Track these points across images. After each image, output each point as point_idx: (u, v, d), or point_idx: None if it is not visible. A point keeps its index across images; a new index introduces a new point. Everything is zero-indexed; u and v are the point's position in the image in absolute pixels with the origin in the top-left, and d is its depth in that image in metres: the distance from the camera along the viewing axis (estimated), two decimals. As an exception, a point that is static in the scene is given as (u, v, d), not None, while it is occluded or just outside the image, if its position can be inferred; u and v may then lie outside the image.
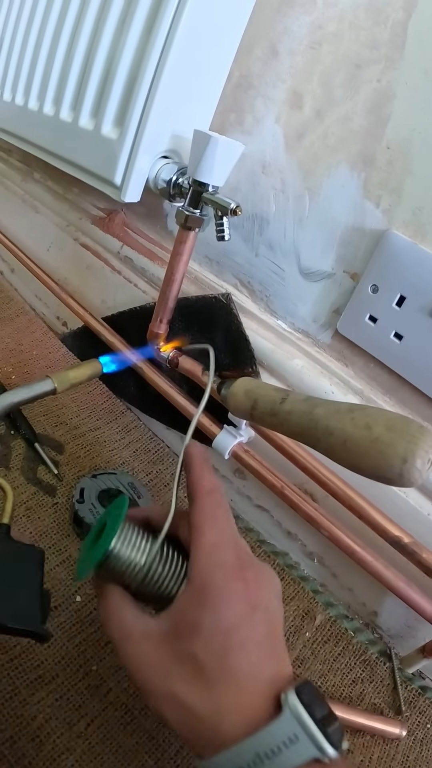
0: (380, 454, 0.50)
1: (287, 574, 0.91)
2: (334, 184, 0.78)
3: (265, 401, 0.62)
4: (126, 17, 0.82)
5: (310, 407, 0.57)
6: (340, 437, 0.53)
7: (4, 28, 1.14)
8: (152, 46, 0.78)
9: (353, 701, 0.77)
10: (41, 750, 0.61)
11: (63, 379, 0.77)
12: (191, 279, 0.97)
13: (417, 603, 0.76)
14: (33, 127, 1.08)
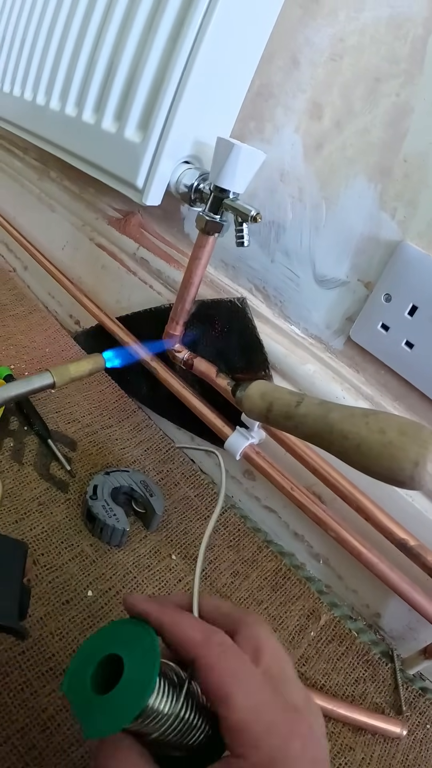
0: (393, 457, 0.51)
1: (293, 575, 0.92)
2: (351, 195, 0.79)
3: (281, 404, 0.64)
4: (153, 21, 0.82)
5: (325, 411, 0.59)
6: (355, 441, 0.54)
7: (27, 25, 1.14)
8: (179, 51, 0.79)
9: (356, 700, 0.78)
10: (51, 741, 0.62)
11: (62, 373, 0.77)
12: (207, 282, 0.98)
13: (421, 605, 0.78)
14: (54, 127, 1.08)
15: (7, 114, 1.27)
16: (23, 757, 0.60)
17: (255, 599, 0.86)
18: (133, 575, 0.82)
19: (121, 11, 0.89)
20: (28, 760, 0.59)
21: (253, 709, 0.39)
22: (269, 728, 0.39)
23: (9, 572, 0.56)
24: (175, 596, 0.51)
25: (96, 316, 1.15)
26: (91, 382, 1.15)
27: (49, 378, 0.76)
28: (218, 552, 0.91)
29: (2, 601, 0.53)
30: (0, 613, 0.52)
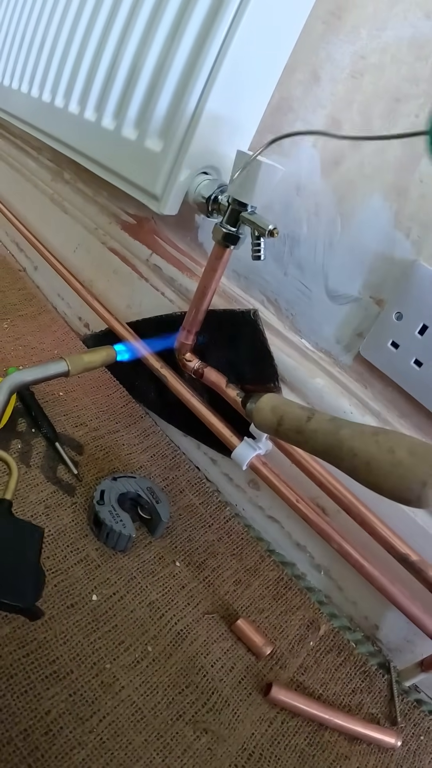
0: (401, 477, 0.52)
1: (294, 585, 0.93)
2: (366, 212, 0.80)
3: (291, 419, 0.64)
4: (178, 30, 0.83)
5: (336, 428, 0.59)
6: (364, 458, 0.55)
7: (48, 26, 1.14)
8: (203, 61, 0.80)
9: (352, 710, 0.79)
10: (54, 744, 0.63)
11: (77, 362, 0.78)
12: (219, 292, 0.98)
13: (419, 619, 0.79)
14: (71, 130, 1.09)
15: (24, 114, 1.27)
16: (26, 759, 0.60)
17: (256, 608, 0.87)
18: (138, 581, 0.82)
19: (145, 17, 0.89)
20: (30, 762, 0.60)
21: None
22: None
23: (26, 555, 0.59)
24: None
25: (106, 320, 1.16)
26: (99, 386, 1.16)
27: (64, 365, 0.77)
28: (221, 560, 0.91)
29: (20, 583, 0.56)
30: (17, 595, 0.54)
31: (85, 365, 0.79)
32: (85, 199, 1.34)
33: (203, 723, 0.70)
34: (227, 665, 0.78)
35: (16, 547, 0.59)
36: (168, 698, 0.71)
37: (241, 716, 0.73)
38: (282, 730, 0.73)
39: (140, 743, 0.66)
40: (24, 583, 0.56)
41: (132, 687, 0.71)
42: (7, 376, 0.74)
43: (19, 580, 0.56)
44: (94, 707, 0.67)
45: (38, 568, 0.58)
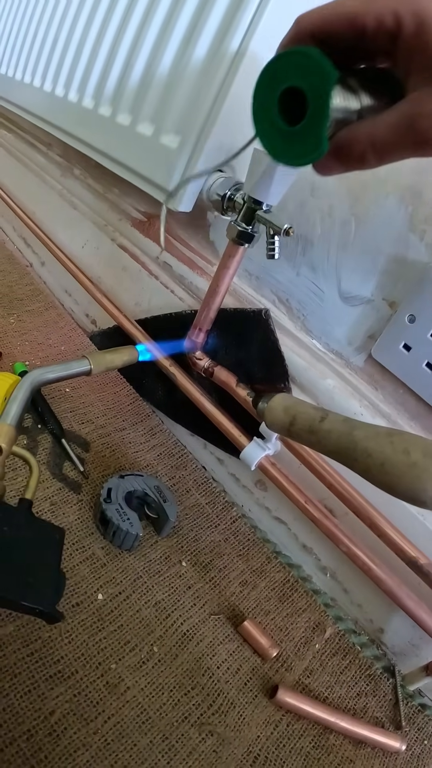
0: (416, 478, 0.52)
1: (300, 587, 0.92)
2: (381, 214, 0.79)
3: (304, 419, 0.64)
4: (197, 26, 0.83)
5: (350, 428, 0.59)
6: (379, 459, 0.55)
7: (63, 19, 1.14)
8: (222, 58, 0.80)
9: (357, 713, 0.79)
10: (58, 744, 0.62)
11: (99, 361, 0.78)
12: (230, 291, 0.97)
13: (426, 623, 0.78)
14: (85, 125, 1.09)
15: (36, 108, 1.27)
16: (29, 760, 0.60)
17: (262, 609, 0.86)
18: (144, 580, 0.82)
19: (164, 10, 0.89)
20: (33, 764, 0.59)
21: None
22: None
23: (48, 557, 0.58)
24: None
25: (114, 317, 1.15)
26: (106, 383, 1.16)
27: (87, 364, 0.77)
28: (228, 560, 0.91)
29: (40, 585, 0.55)
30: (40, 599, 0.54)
31: (107, 364, 0.79)
32: (95, 195, 1.33)
33: (209, 725, 0.70)
34: (233, 667, 0.77)
35: (37, 548, 0.58)
36: (174, 700, 0.71)
37: (247, 718, 0.72)
38: (287, 732, 0.73)
39: (145, 745, 0.65)
40: (44, 586, 0.55)
41: (137, 688, 0.70)
42: (29, 372, 0.74)
43: (39, 582, 0.55)
44: (99, 708, 0.67)
45: (59, 570, 0.57)
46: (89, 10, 1.05)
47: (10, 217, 1.69)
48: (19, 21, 1.32)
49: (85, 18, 1.06)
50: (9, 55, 1.38)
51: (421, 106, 0.43)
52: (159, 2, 0.88)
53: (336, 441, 0.60)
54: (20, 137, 1.70)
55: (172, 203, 0.89)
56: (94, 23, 1.04)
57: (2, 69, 1.42)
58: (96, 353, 0.79)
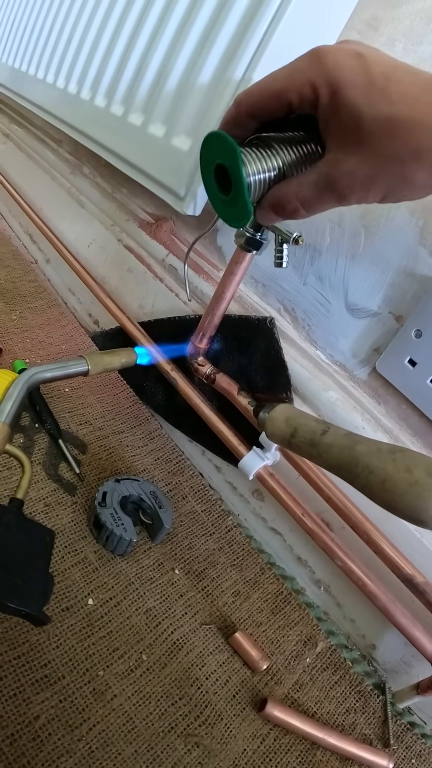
0: (418, 497, 0.51)
1: (293, 599, 0.92)
2: (391, 226, 0.79)
3: (306, 431, 0.63)
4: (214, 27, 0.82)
5: (352, 443, 0.58)
6: (380, 476, 0.54)
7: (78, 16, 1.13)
8: (237, 63, 0.79)
9: (345, 730, 0.78)
10: (41, 750, 0.61)
11: (97, 362, 0.78)
12: (235, 298, 0.97)
13: (419, 641, 0.78)
14: (97, 124, 1.08)
15: (48, 104, 1.26)
16: (11, 765, 0.59)
17: (254, 621, 0.86)
18: (135, 586, 0.81)
19: (181, 13, 0.88)
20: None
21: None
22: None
23: (37, 559, 0.58)
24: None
25: (117, 318, 1.14)
26: (106, 384, 1.15)
27: (84, 365, 0.77)
28: (221, 570, 0.90)
29: (27, 587, 0.54)
30: (26, 601, 0.53)
31: (105, 365, 0.78)
32: (104, 194, 1.33)
33: (195, 736, 0.69)
34: (222, 678, 0.76)
35: (25, 549, 0.58)
36: (160, 709, 0.70)
37: (234, 731, 0.71)
38: (274, 747, 0.72)
39: (130, 754, 0.65)
40: (31, 588, 0.54)
41: (124, 696, 0.69)
42: (25, 370, 0.73)
43: (26, 583, 0.55)
44: (85, 715, 0.66)
45: (47, 573, 0.57)
46: (106, 7, 1.05)
47: (17, 212, 1.69)
48: (35, 16, 1.32)
49: (102, 15, 1.06)
50: (23, 50, 1.38)
51: (336, 167, 0.49)
52: (176, 3, 0.88)
53: (337, 455, 0.59)
54: (31, 133, 1.70)
55: (180, 206, 0.89)
56: (111, 20, 1.03)
57: (16, 64, 1.42)
58: (94, 354, 0.78)
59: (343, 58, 0.47)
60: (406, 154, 0.46)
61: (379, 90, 0.46)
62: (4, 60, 1.50)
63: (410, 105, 0.45)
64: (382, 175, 0.48)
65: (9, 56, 1.46)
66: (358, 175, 0.49)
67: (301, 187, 0.52)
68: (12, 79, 1.47)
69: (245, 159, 0.53)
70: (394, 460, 0.54)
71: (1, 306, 1.28)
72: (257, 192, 0.55)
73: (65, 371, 0.76)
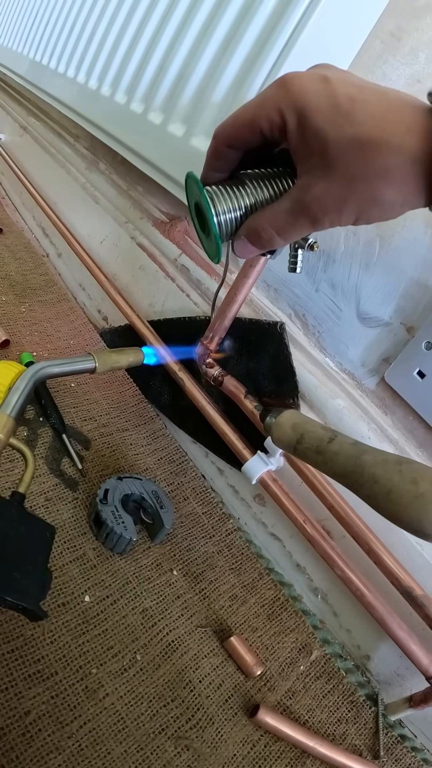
0: (422, 509, 0.51)
1: (290, 606, 0.91)
2: (406, 237, 0.79)
3: (312, 438, 0.63)
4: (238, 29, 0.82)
5: (358, 452, 0.58)
6: (385, 487, 0.54)
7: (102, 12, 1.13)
8: (261, 65, 0.79)
9: (336, 739, 0.78)
10: (31, 746, 0.61)
11: (105, 359, 0.78)
12: (246, 301, 0.96)
13: (414, 654, 0.77)
14: (116, 120, 1.08)
15: (67, 99, 1.27)
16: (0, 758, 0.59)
17: (250, 626, 0.85)
18: (133, 585, 0.81)
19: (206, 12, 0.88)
20: (4, 763, 0.59)
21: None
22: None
23: (36, 554, 0.58)
24: None
25: (127, 315, 1.14)
26: (112, 381, 1.15)
27: (92, 362, 0.77)
28: (220, 573, 0.90)
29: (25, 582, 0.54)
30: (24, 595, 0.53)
31: (112, 364, 0.79)
32: (119, 191, 1.33)
33: (186, 739, 0.69)
34: (215, 682, 0.76)
35: (25, 543, 0.58)
36: (152, 710, 0.70)
37: (225, 736, 0.71)
38: (264, 753, 0.72)
39: (119, 754, 0.64)
40: (29, 582, 0.54)
41: (117, 695, 0.69)
42: (33, 365, 0.73)
43: (24, 578, 0.55)
44: (76, 712, 0.66)
45: (45, 568, 0.56)
46: (131, 3, 1.05)
47: (31, 205, 1.69)
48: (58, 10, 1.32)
49: (126, 11, 1.06)
50: (45, 43, 1.38)
51: (307, 192, 0.49)
52: (201, 3, 0.88)
53: (343, 464, 0.59)
54: (49, 127, 1.70)
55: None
56: (135, 17, 1.03)
57: (37, 56, 1.42)
58: (102, 352, 0.78)
59: (309, 83, 0.47)
60: (373, 174, 0.46)
61: (344, 112, 0.46)
62: (26, 52, 1.50)
63: (376, 125, 0.45)
64: (351, 197, 0.48)
65: (31, 49, 1.47)
66: (329, 198, 0.49)
67: (275, 215, 0.53)
68: (32, 72, 1.47)
69: (214, 198, 0.54)
70: (401, 471, 0.54)
71: (11, 298, 1.28)
72: (227, 230, 0.55)
73: (72, 367, 0.76)
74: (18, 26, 1.55)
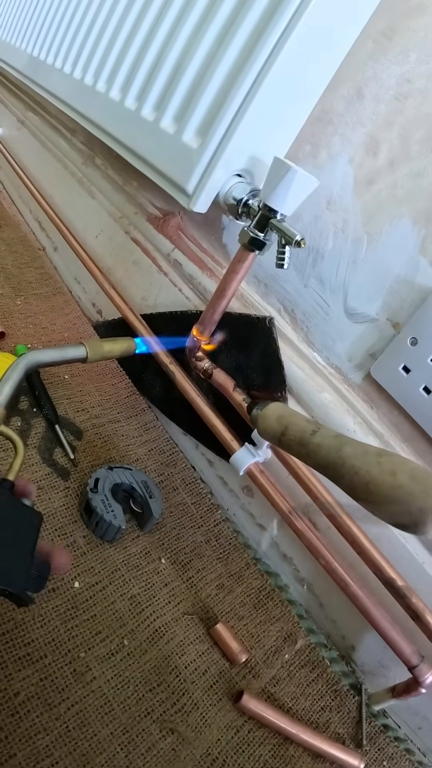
0: (400, 500, 0.52)
1: (276, 596, 0.93)
2: (393, 235, 0.80)
3: (296, 430, 0.64)
4: (230, 29, 0.82)
5: (340, 444, 0.59)
6: (365, 478, 0.55)
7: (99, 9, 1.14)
8: (252, 64, 0.79)
9: (319, 727, 0.79)
10: (19, 726, 0.63)
11: (96, 348, 0.78)
12: (236, 296, 0.98)
13: (397, 644, 0.78)
14: (110, 116, 1.08)
15: (63, 94, 1.27)
16: (-12, 738, 0.60)
17: (236, 614, 0.87)
18: (122, 573, 0.82)
19: (199, 12, 0.88)
20: (-7, 741, 0.60)
21: None
22: None
23: (22, 540, 0.57)
24: None
25: (120, 309, 1.15)
26: (105, 374, 1.16)
27: (83, 351, 0.76)
28: (207, 562, 0.91)
29: (11, 567, 0.54)
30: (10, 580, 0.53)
31: (103, 353, 0.79)
32: (114, 186, 1.34)
33: (170, 723, 0.70)
34: (201, 668, 0.78)
35: (12, 530, 0.58)
36: (138, 694, 0.71)
37: (209, 720, 0.73)
38: (248, 739, 0.73)
39: (105, 736, 0.66)
40: (16, 568, 0.55)
41: (104, 679, 0.71)
42: (24, 354, 0.74)
43: (11, 564, 0.55)
44: (64, 695, 0.67)
45: (32, 554, 0.57)
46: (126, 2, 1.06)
47: (27, 198, 1.70)
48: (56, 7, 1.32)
49: (122, 8, 1.06)
50: (43, 39, 1.38)
51: None
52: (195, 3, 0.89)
53: (325, 455, 0.60)
54: (46, 121, 1.70)
55: (188, 202, 0.89)
56: (130, 15, 1.03)
57: (35, 52, 1.42)
58: (93, 341, 0.79)
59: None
60: None
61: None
62: (24, 47, 1.50)
63: None
64: None
65: (29, 44, 1.47)
66: None
67: None
68: (30, 67, 1.48)
69: None
70: (380, 463, 0.55)
71: (7, 291, 1.29)
72: None
73: (63, 356, 0.76)
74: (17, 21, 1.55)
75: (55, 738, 0.64)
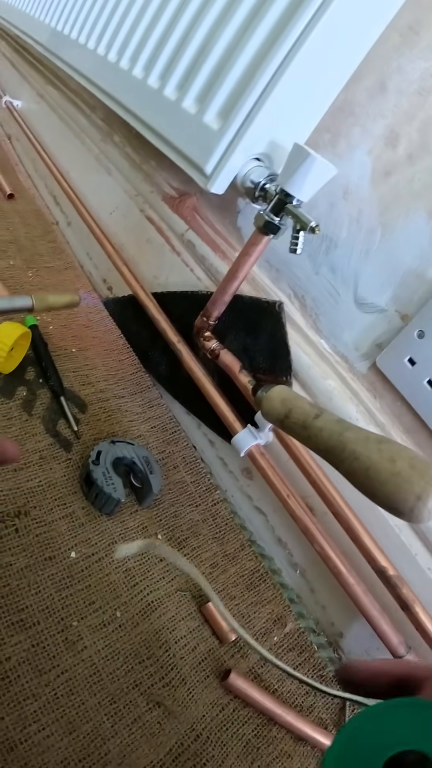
0: (398, 487, 0.53)
1: (269, 578, 0.93)
2: (408, 227, 0.80)
3: (299, 413, 0.65)
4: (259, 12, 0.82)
5: (342, 429, 0.60)
6: (365, 464, 0.56)
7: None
8: (279, 48, 0.79)
9: (303, 711, 0.80)
10: (8, 690, 0.64)
11: (42, 299, 0.84)
12: (248, 279, 0.98)
13: (385, 633, 0.79)
14: (132, 94, 1.08)
15: (86, 70, 1.27)
16: (-22, 700, 0.61)
17: (228, 594, 0.87)
18: (118, 546, 0.83)
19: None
20: (-20, 704, 0.61)
21: None
22: None
23: None
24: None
25: (131, 286, 1.16)
26: (113, 349, 1.16)
27: (29, 301, 0.82)
28: (203, 541, 0.92)
29: None
30: None
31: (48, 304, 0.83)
32: (131, 164, 1.34)
33: (157, 696, 0.71)
34: (190, 644, 0.78)
35: None
36: (127, 666, 0.72)
37: (195, 696, 0.73)
38: (232, 717, 0.74)
39: (93, 705, 0.67)
40: None
41: (94, 648, 0.71)
42: None
43: None
44: (54, 662, 0.68)
45: None
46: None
47: (44, 173, 1.70)
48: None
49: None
50: (68, 13, 1.38)
51: None
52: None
53: (326, 439, 0.60)
54: (66, 96, 1.70)
55: (205, 183, 0.90)
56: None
57: (59, 26, 1.42)
58: (39, 293, 0.83)
59: None
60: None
61: None
62: (47, 21, 1.50)
63: None
64: None
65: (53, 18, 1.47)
66: None
67: None
68: (52, 41, 1.48)
69: None
70: (380, 450, 0.56)
71: (19, 262, 1.29)
72: None
73: (12, 305, 0.80)
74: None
75: (44, 704, 0.65)
